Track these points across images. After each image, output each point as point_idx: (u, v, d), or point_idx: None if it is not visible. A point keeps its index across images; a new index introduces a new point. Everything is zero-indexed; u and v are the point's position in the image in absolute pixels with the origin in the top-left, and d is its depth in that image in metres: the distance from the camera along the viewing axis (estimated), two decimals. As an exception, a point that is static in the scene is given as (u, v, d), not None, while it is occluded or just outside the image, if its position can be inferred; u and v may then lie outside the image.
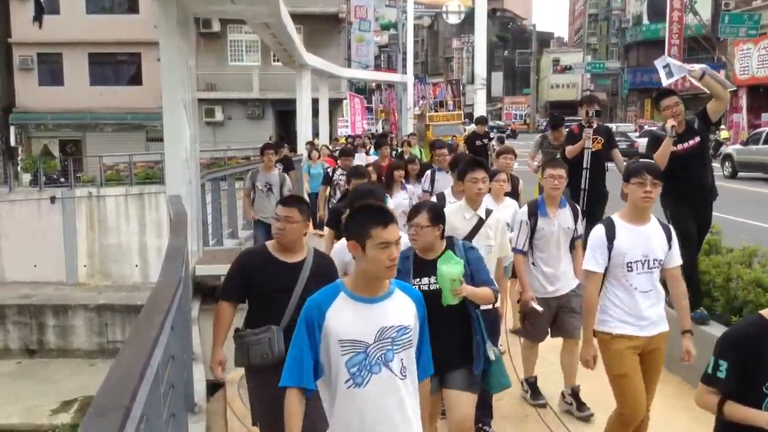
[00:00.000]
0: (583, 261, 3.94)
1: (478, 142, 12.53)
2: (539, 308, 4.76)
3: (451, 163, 6.46)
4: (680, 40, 39.37)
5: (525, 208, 5.03)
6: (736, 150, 22.97)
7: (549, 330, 5.04)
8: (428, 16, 64.68)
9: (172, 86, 7.87)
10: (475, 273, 3.59)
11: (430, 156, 12.41)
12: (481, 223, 4.38)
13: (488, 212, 4.46)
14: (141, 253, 20.91)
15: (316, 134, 22.69)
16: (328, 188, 9.57)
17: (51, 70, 30.48)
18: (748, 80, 33.22)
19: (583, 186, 7.38)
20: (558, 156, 7.48)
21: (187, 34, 8.35)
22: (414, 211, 3.63)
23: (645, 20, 49.71)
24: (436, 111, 28.79)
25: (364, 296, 2.59)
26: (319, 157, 13.86)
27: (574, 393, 4.89)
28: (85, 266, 20.95)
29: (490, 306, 3.92)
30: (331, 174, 9.60)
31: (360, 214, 2.65)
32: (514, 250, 4.89)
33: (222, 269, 8.35)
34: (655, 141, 5.70)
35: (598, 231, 3.80)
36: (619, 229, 3.74)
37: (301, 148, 19.75)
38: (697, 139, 5.59)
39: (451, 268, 3.36)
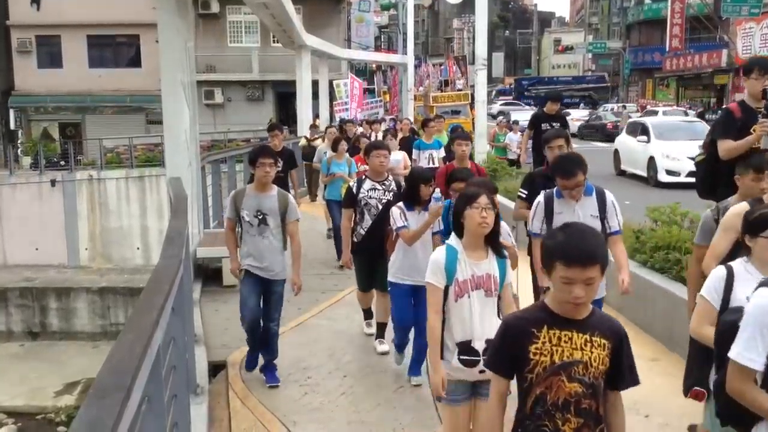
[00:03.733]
0: None
1: (545, 126, 8.97)
2: None
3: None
4: (682, 19, 39.06)
5: None
6: (738, 130, 22.87)
7: None
8: (429, -4, 64.19)
9: (171, 68, 7.82)
10: None
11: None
12: None
13: None
14: (142, 236, 20.93)
15: (316, 115, 22.55)
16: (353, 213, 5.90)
17: (50, 53, 30.36)
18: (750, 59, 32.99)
19: None
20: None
21: (186, 15, 8.29)
22: None
23: (647, -1, 49.34)
24: (442, 90, 28.23)
25: None
26: (351, 149, 10.19)
27: None
28: (86, 249, 20.98)
29: None
30: (355, 189, 5.91)
31: None
32: None
33: (222, 251, 8.38)
34: None
35: None
36: None
37: (302, 130, 19.52)
38: None
39: None
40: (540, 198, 4.45)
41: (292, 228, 5.31)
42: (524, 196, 5.12)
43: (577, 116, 35.07)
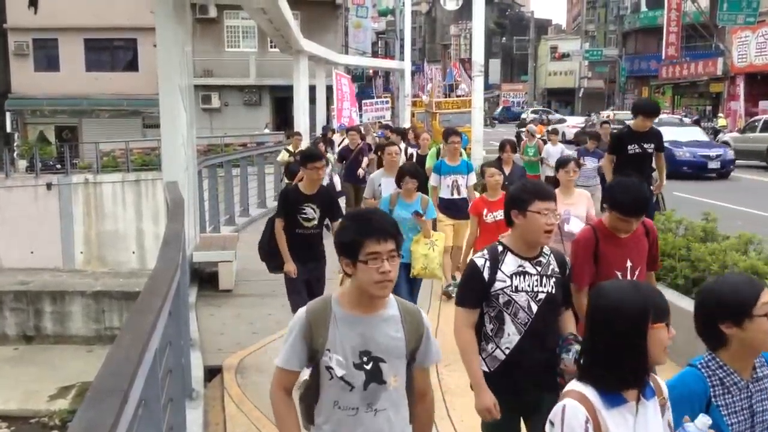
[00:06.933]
0: None
1: (632, 148, 6.80)
2: None
3: None
4: (678, 28, 39.26)
5: None
6: (733, 138, 23.00)
7: None
8: (426, 2, 64.43)
9: (169, 72, 7.83)
10: None
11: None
12: None
13: None
14: (138, 240, 20.89)
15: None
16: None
17: (47, 56, 30.39)
18: (745, 68, 33.18)
19: None
20: None
21: (184, 19, 8.31)
22: None
23: (643, 7, 49.59)
24: (447, 96, 27.83)
25: None
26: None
27: None
28: (81, 253, 20.93)
29: None
30: (486, 273, 2.93)
31: None
32: None
33: (219, 256, 8.39)
34: None
35: None
36: None
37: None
38: None
39: None
40: None
41: (423, 379, 2.53)
42: None
43: (572, 123, 35.16)
